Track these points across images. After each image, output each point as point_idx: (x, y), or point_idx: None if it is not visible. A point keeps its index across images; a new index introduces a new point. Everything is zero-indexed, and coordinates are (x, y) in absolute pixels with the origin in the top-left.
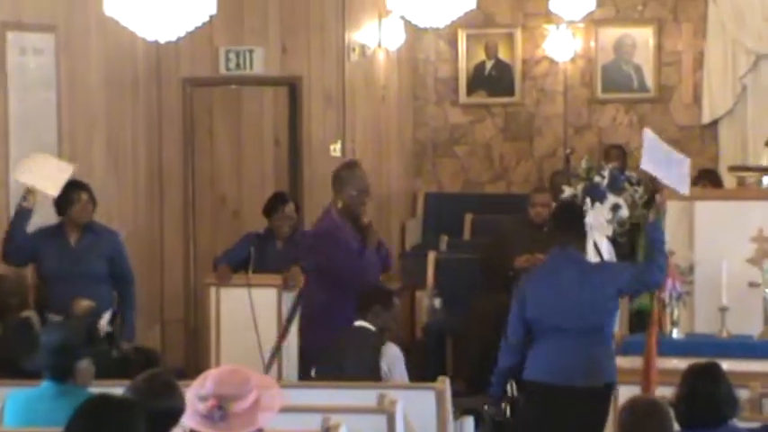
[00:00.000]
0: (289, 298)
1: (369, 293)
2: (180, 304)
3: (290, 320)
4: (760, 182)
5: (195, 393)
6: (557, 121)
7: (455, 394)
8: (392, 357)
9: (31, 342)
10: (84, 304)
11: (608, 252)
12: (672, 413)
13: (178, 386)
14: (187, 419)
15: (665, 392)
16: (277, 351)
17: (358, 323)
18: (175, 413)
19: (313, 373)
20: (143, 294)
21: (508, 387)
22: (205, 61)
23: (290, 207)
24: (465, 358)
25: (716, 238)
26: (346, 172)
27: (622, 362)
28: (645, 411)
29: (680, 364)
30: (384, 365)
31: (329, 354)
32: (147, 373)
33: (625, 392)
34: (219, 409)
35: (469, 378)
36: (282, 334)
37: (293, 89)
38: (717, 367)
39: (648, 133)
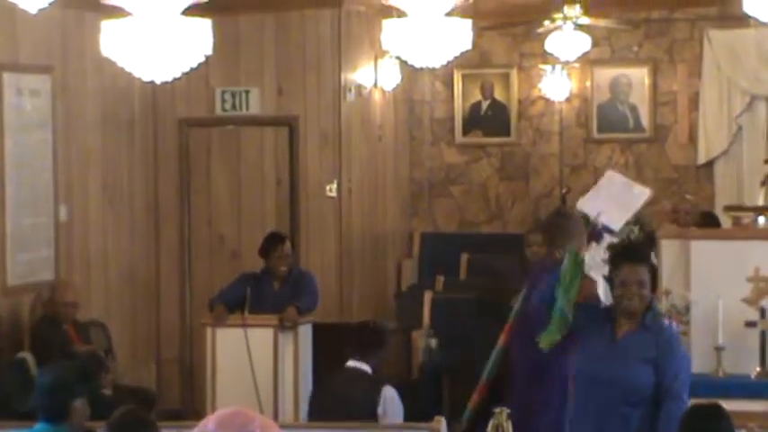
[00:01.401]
0: (285, 338)
1: (363, 332)
2: (176, 343)
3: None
4: (756, 221)
5: (202, 428)
6: (553, 160)
7: None
8: (390, 400)
9: (25, 383)
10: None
11: (604, 292)
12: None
13: (153, 423)
14: None
15: None
16: (474, 412)
17: (352, 363)
18: None
19: (307, 414)
20: (139, 332)
21: None
22: (201, 102)
23: (286, 246)
24: (461, 398)
25: (712, 277)
26: (565, 221)
27: None
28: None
29: None
30: (380, 409)
31: (325, 395)
32: (122, 409)
33: None
34: None
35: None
36: (481, 392)
37: (292, 129)
38: (720, 408)
39: (608, 174)
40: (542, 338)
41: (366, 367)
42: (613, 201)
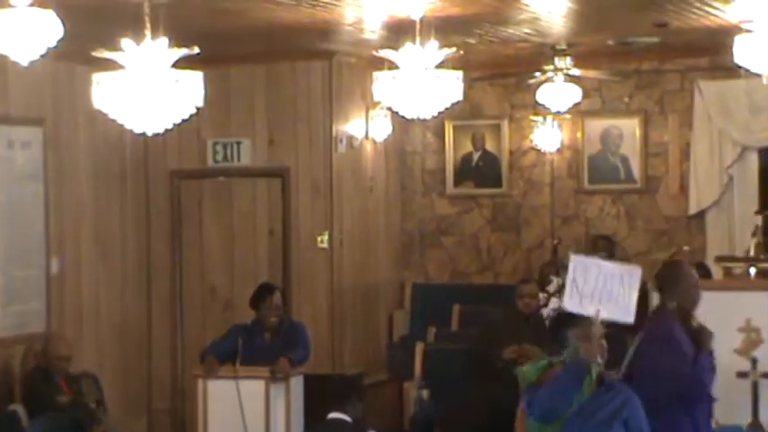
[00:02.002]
0: (277, 389)
1: (343, 385)
2: (167, 395)
3: None
4: (747, 272)
5: None
6: (544, 211)
7: None
8: None
9: None
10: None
11: None
12: None
13: None
14: None
15: None
16: None
17: (333, 415)
18: None
19: None
20: (130, 384)
21: None
22: (193, 153)
23: (276, 297)
24: None
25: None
26: (676, 270)
27: None
28: None
29: None
30: None
31: None
32: None
33: None
34: None
35: None
36: None
37: (284, 180)
38: None
39: (573, 258)
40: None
41: (347, 418)
42: (606, 291)
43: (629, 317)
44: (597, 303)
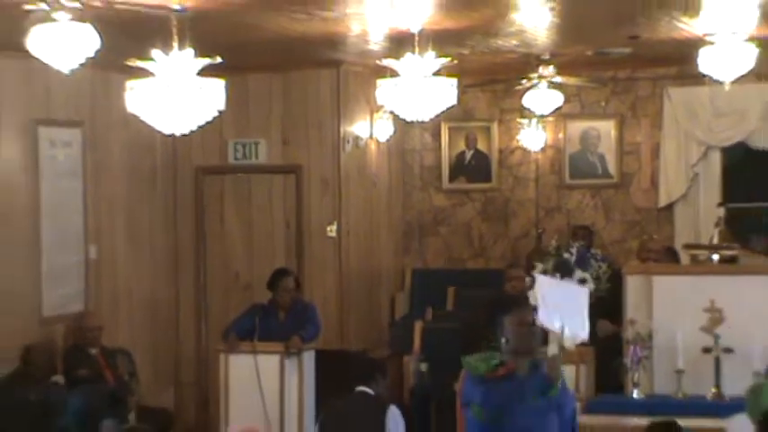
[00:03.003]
0: (291, 363)
1: (369, 364)
2: (192, 369)
3: None
4: (711, 258)
5: None
6: (529, 204)
7: None
8: (395, 416)
9: (58, 405)
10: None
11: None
12: None
13: None
14: None
15: None
16: None
17: (360, 389)
18: None
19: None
20: (161, 362)
21: None
22: (215, 152)
23: (289, 280)
24: (448, 420)
25: (672, 308)
26: None
27: (587, 419)
28: None
29: (641, 422)
30: (390, 423)
31: (337, 415)
32: (128, 428)
33: None
34: None
35: None
36: None
37: (297, 176)
38: (676, 425)
39: (542, 281)
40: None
41: (370, 391)
42: (566, 309)
43: (584, 333)
44: (560, 320)
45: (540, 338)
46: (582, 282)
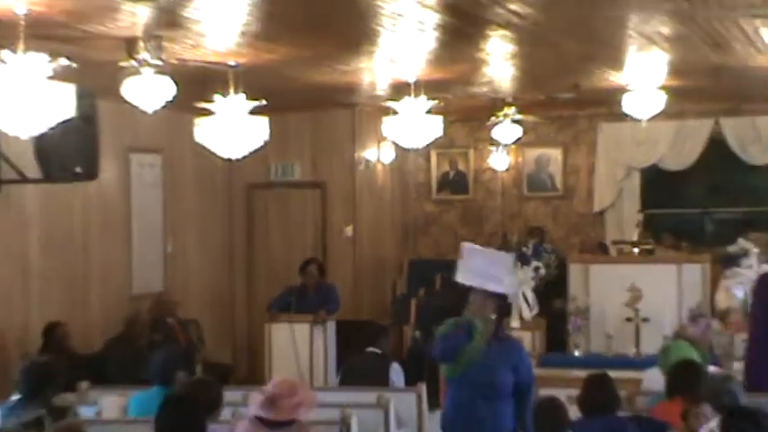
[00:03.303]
0: (318, 331)
1: (377, 330)
2: (244, 334)
3: None
4: (632, 251)
5: (260, 390)
6: (497, 211)
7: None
8: (397, 371)
9: (144, 360)
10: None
11: (532, 298)
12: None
13: (216, 385)
14: (250, 405)
15: (572, 393)
16: None
17: (370, 349)
18: (215, 402)
19: (339, 381)
20: (221, 329)
21: None
22: (261, 172)
23: (312, 268)
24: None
25: (604, 288)
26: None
27: (540, 371)
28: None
29: (580, 373)
30: (393, 376)
31: (354, 369)
32: (195, 378)
33: (543, 393)
34: (269, 401)
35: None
36: None
37: (323, 190)
38: (607, 375)
39: (467, 247)
40: (448, 371)
41: (378, 351)
42: (489, 269)
43: (501, 288)
44: (480, 278)
45: (492, 309)
46: (536, 269)
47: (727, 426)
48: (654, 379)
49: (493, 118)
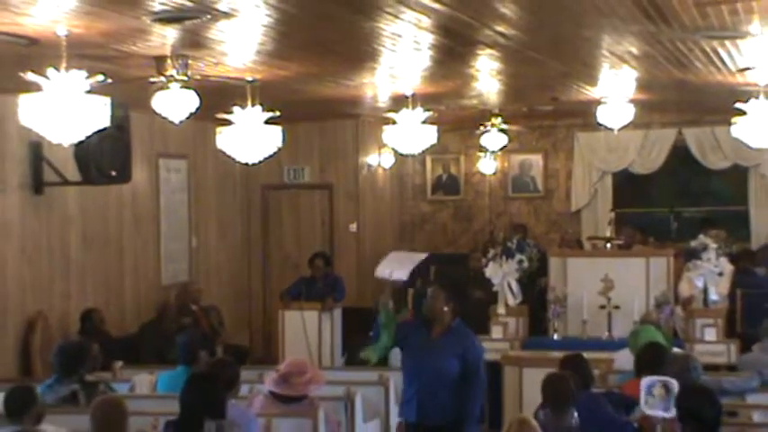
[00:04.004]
0: (326, 317)
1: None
2: (260, 319)
3: None
4: (605, 246)
5: (275, 369)
6: (485, 210)
7: None
8: (396, 354)
9: (172, 342)
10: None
11: (516, 288)
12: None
13: (234, 364)
14: (266, 382)
15: (551, 372)
16: None
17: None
18: (233, 380)
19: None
20: (239, 315)
21: None
22: (275, 174)
23: (319, 260)
24: None
25: (580, 278)
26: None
27: (523, 353)
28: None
29: (559, 354)
30: (392, 358)
31: (356, 348)
32: (216, 359)
33: (529, 373)
34: (282, 378)
35: None
36: None
37: (330, 191)
38: (582, 356)
39: (391, 254)
40: (369, 355)
41: None
42: (399, 262)
43: (405, 275)
44: (392, 270)
45: (443, 302)
46: (520, 262)
47: (682, 400)
48: (624, 359)
49: (481, 127)
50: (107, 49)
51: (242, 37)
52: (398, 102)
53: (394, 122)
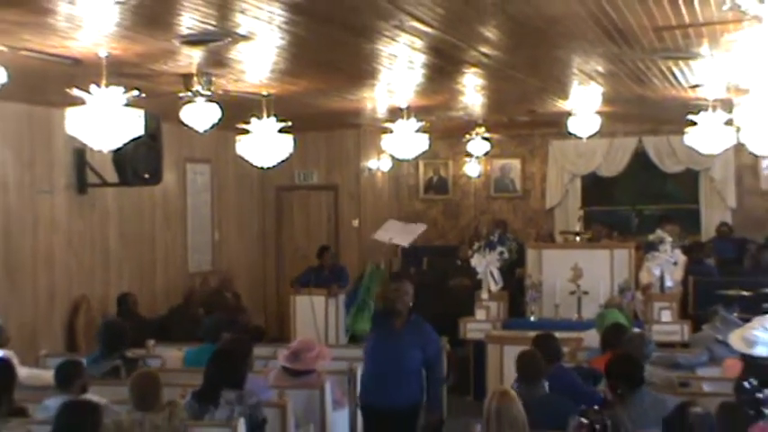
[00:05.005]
0: (332, 302)
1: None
2: (274, 303)
3: None
4: (575, 239)
5: (287, 347)
6: (471, 208)
7: None
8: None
9: (198, 323)
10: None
11: (498, 277)
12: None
13: (248, 341)
14: (279, 358)
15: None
16: None
17: None
18: (247, 352)
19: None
20: (256, 299)
21: None
22: (288, 177)
23: (326, 252)
24: None
25: (554, 267)
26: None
27: (504, 333)
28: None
29: (534, 333)
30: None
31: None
32: (233, 336)
33: (508, 349)
34: (293, 354)
35: None
36: None
37: (335, 192)
38: (552, 335)
39: (390, 221)
40: (355, 328)
41: None
42: (399, 231)
43: (406, 242)
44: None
45: (412, 297)
46: (501, 253)
47: (614, 366)
48: (591, 338)
49: (467, 135)
50: (141, 68)
51: (258, 57)
52: (395, 113)
53: (391, 131)
